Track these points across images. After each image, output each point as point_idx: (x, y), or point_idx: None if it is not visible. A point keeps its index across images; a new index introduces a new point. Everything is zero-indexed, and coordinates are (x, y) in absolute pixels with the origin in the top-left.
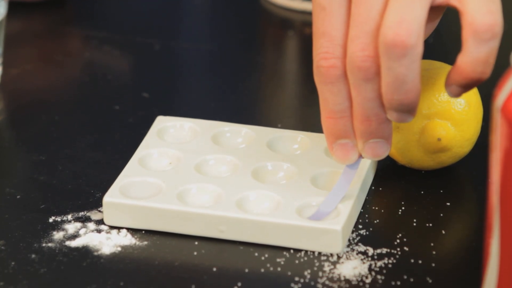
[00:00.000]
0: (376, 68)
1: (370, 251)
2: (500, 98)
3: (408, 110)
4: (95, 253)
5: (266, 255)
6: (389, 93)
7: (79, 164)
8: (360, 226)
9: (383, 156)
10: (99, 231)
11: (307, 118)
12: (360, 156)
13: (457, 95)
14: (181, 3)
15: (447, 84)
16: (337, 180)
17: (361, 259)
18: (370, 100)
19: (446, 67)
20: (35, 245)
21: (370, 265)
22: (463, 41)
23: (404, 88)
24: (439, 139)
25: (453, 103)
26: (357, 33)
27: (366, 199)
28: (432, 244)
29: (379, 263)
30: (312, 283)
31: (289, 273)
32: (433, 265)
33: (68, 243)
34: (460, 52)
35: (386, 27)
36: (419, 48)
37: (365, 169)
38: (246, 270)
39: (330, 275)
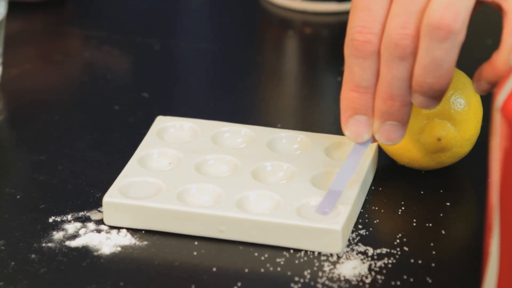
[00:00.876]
0: (413, 48)
1: (370, 251)
2: (500, 98)
3: (436, 96)
4: (95, 253)
5: (266, 255)
6: (422, 75)
7: (79, 164)
8: (360, 226)
9: (395, 141)
10: (99, 231)
11: (307, 118)
12: (372, 138)
13: (484, 91)
14: (181, 3)
15: (477, 79)
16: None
17: (361, 259)
18: (400, 80)
19: None
20: (35, 245)
21: (370, 265)
22: (502, 39)
23: (438, 72)
24: (439, 139)
25: (453, 103)
26: (400, 11)
27: (366, 199)
28: (432, 244)
29: (379, 263)
30: (312, 283)
31: (289, 273)
32: (433, 265)
33: (68, 243)
34: (498, 49)
35: (433, 9)
36: (462, 36)
37: (365, 169)
38: (246, 270)
39: (330, 275)
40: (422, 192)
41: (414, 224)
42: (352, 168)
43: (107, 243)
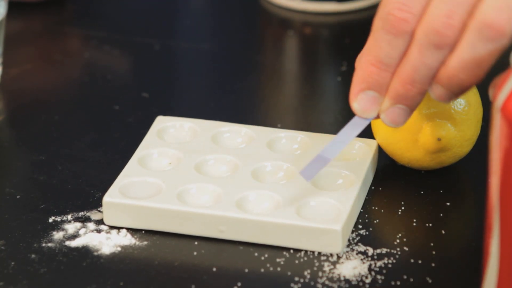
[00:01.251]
0: (453, 40)
1: (370, 251)
2: (500, 98)
3: (458, 92)
4: (95, 253)
5: (266, 255)
6: (456, 69)
7: (79, 164)
8: (360, 226)
9: (399, 125)
10: (99, 231)
11: (307, 118)
12: (376, 116)
13: None
14: (181, 3)
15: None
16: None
17: (361, 259)
18: (427, 67)
19: None
20: (35, 245)
21: (370, 265)
22: None
23: (474, 71)
24: (439, 139)
25: (453, 103)
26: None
27: (366, 199)
28: (432, 244)
29: (379, 263)
30: (312, 283)
31: (289, 273)
32: (433, 265)
33: (68, 243)
34: None
35: (489, 6)
36: (508, 41)
37: (365, 169)
38: (246, 270)
39: (330, 275)
40: (422, 192)
41: (414, 224)
42: (347, 139)
43: (107, 243)
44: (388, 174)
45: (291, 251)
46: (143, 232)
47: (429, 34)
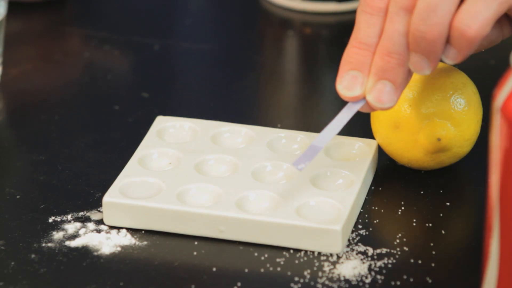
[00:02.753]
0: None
1: (370, 251)
2: (500, 98)
3: (428, 53)
4: (95, 253)
5: (266, 255)
6: (416, 23)
7: (79, 164)
8: (360, 226)
9: (386, 104)
10: (98, 231)
11: (307, 118)
12: (363, 100)
13: None
14: (181, 2)
15: None
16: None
17: (361, 259)
18: (400, 34)
19: (446, 67)
20: (35, 245)
21: (370, 265)
22: None
23: (431, 19)
24: (439, 139)
25: (453, 103)
26: None
27: (366, 199)
28: (432, 244)
29: (379, 263)
30: (312, 283)
31: (289, 273)
32: (433, 265)
33: (68, 243)
34: None
35: None
36: None
37: (365, 169)
38: (246, 270)
39: (330, 275)
40: (422, 192)
41: (414, 224)
42: (338, 127)
43: (107, 243)
44: (388, 174)
45: (291, 251)
46: (143, 232)
47: (398, 0)
